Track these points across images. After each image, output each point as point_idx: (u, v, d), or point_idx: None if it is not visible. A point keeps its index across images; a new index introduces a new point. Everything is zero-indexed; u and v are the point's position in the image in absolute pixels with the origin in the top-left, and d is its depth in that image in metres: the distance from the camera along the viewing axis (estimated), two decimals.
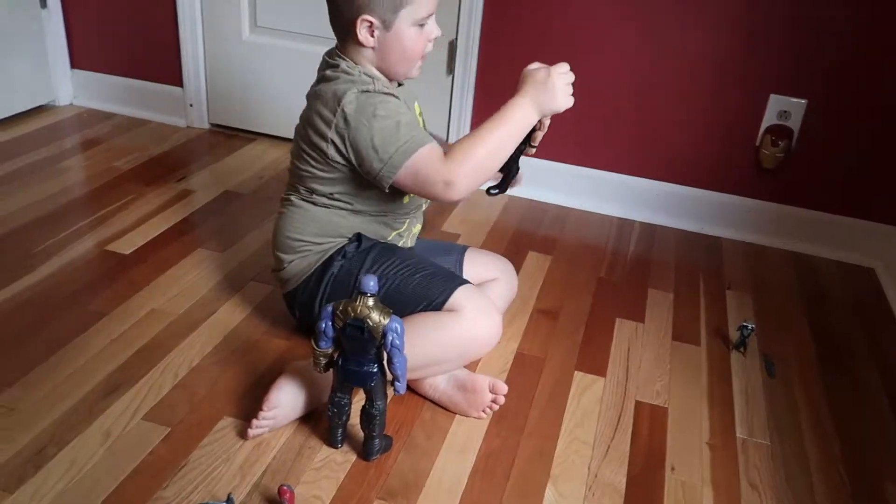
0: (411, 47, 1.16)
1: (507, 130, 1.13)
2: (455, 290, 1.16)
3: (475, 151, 1.11)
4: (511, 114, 1.12)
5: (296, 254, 1.25)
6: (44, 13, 2.19)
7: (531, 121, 1.14)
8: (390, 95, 1.14)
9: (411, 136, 1.11)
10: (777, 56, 1.73)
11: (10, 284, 1.42)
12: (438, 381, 1.20)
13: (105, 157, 2.01)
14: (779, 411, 1.29)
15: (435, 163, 1.10)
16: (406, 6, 1.12)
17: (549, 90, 1.12)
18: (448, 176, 1.10)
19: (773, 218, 1.86)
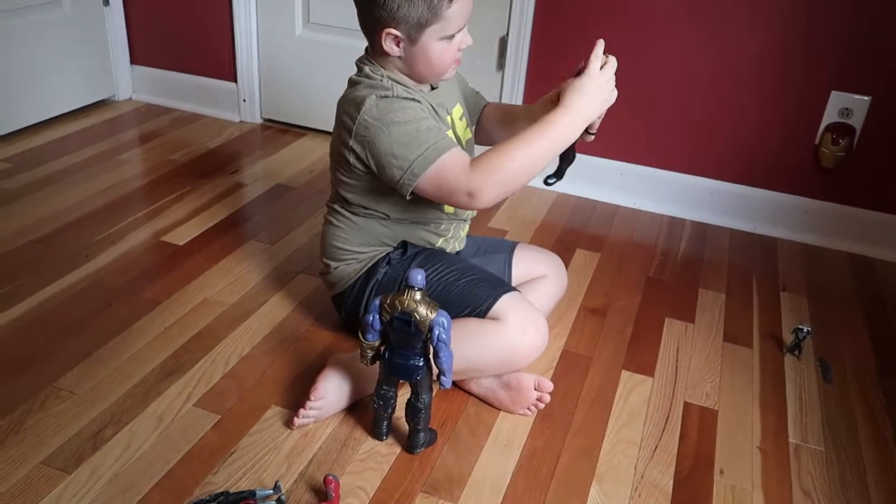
0: (437, 60, 1.12)
1: (546, 145, 1.07)
2: (500, 297, 1.15)
3: (507, 164, 1.06)
4: (551, 128, 1.07)
5: (341, 261, 1.26)
6: (106, 11, 2.25)
7: (576, 133, 1.09)
8: (411, 100, 1.10)
9: (433, 143, 1.07)
10: (839, 51, 1.67)
11: (72, 272, 1.47)
12: (483, 378, 1.20)
13: (161, 150, 2.06)
14: (834, 417, 1.25)
15: (458, 171, 1.06)
16: (433, 23, 1.07)
17: (592, 98, 1.07)
18: (472, 186, 1.05)
19: (830, 218, 1.81)
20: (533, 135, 1.07)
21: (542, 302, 1.33)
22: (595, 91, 1.08)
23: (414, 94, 1.13)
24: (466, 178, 1.05)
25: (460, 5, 1.08)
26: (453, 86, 1.28)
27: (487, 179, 1.05)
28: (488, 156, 1.07)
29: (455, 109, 1.25)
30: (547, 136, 1.07)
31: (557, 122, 1.07)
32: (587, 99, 1.07)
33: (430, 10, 1.06)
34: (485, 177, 1.05)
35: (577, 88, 1.07)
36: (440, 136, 1.08)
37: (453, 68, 1.17)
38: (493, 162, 1.06)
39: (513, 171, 1.06)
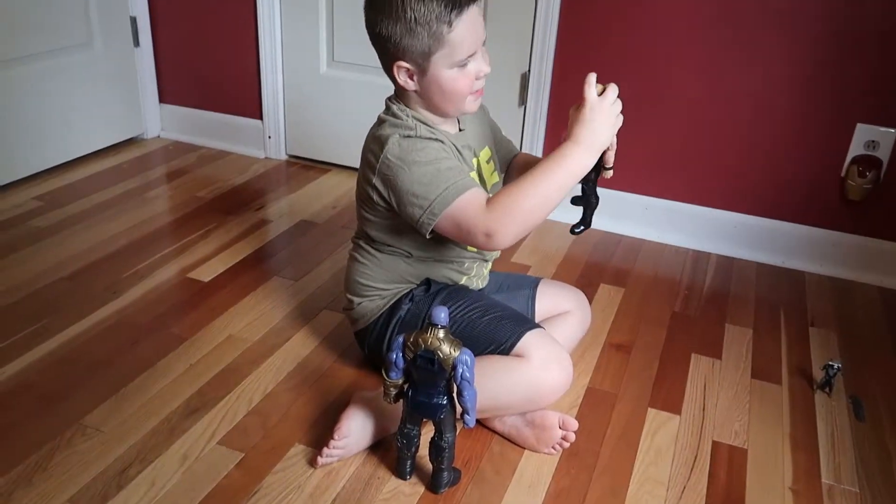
0: (451, 89, 1.11)
1: (557, 180, 1.06)
2: (524, 334, 1.14)
3: (521, 203, 1.05)
4: (561, 162, 1.06)
5: (364, 297, 1.26)
6: (136, 51, 2.31)
7: (587, 164, 1.08)
8: (434, 140, 1.11)
9: (452, 183, 1.06)
10: (864, 83, 1.67)
11: (100, 308, 1.49)
12: (507, 416, 1.19)
13: (189, 187, 2.10)
14: (868, 457, 1.22)
15: (476, 212, 1.05)
16: (438, 50, 1.07)
17: (596, 125, 1.06)
18: (489, 227, 1.05)
19: (859, 252, 1.78)
20: (545, 171, 1.06)
21: (567, 338, 1.32)
22: (598, 119, 1.06)
23: (437, 135, 1.13)
24: (483, 218, 1.05)
25: (462, 30, 1.07)
26: (483, 129, 1.29)
27: (503, 219, 1.05)
28: (502, 195, 1.07)
29: (483, 152, 1.26)
30: (558, 171, 1.06)
31: (567, 156, 1.06)
32: (592, 128, 1.06)
33: (430, 37, 1.06)
34: (500, 216, 1.05)
35: (580, 120, 1.07)
36: (460, 176, 1.08)
37: (475, 100, 1.16)
38: (507, 201, 1.05)
39: (528, 209, 1.05)
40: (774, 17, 1.68)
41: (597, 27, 1.82)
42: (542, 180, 1.06)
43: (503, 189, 1.09)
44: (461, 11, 1.06)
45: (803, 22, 1.66)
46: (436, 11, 1.05)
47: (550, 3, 1.82)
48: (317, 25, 2.13)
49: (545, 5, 1.83)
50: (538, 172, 1.06)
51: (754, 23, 1.69)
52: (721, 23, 1.72)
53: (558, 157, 1.06)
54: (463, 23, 1.07)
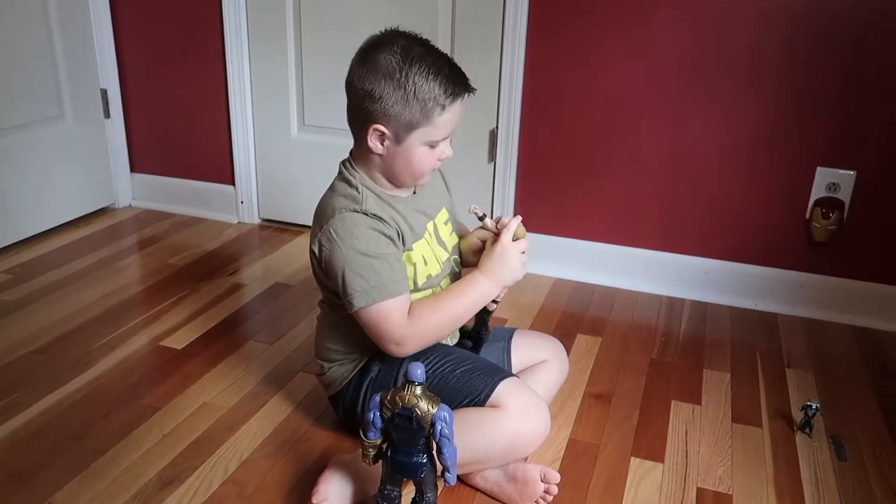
0: (418, 164, 1.13)
1: (466, 305, 1.15)
2: (498, 384, 1.13)
3: (434, 321, 1.13)
4: (472, 290, 1.15)
5: (334, 361, 1.25)
6: (107, 122, 2.33)
7: (492, 295, 1.17)
8: (378, 220, 1.12)
9: (381, 284, 1.09)
10: (820, 128, 1.72)
11: (71, 381, 1.46)
12: (489, 472, 1.17)
13: (161, 254, 2.08)
14: (853, 497, 1.21)
15: (392, 321, 1.10)
16: (421, 126, 1.10)
17: (507, 264, 1.15)
18: (402, 338, 1.11)
19: (829, 292, 1.81)
20: (457, 296, 1.15)
21: (545, 388, 1.31)
22: (508, 261, 1.15)
23: (383, 210, 1.14)
24: (401, 329, 1.11)
25: (450, 115, 1.11)
26: (439, 191, 1.29)
27: (419, 334, 1.13)
28: (423, 311, 1.13)
29: (440, 215, 1.26)
30: (467, 298, 1.15)
31: (476, 285, 1.15)
32: (503, 268, 1.15)
33: (422, 113, 1.08)
34: (417, 331, 1.12)
35: (493, 257, 1.16)
36: (392, 279, 1.11)
37: (430, 176, 1.19)
38: (427, 318, 1.13)
39: (442, 328, 1.16)
40: (736, 71, 1.74)
41: (562, 81, 1.87)
42: (453, 303, 1.15)
43: (423, 304, 1.14)
44: (456, 98, 1.10)
45: (763, 74, 1.72)
46: (436, 92, 1.08)
47: (515, 60, 1.88)
48: (287, 90, 2.16)
49: (510, 62, 1.88)
50: (450, 296, 1.16)
51: (718, 76, 1.75)
52: (685, 76, 1.78)
53: (469, 284, 1.16)
54: (453, 109, 1.11)
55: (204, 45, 2.19)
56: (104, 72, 2.28)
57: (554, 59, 1.86)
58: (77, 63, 2.20)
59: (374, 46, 1.10)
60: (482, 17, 1.90)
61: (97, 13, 2.22)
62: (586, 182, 1.93)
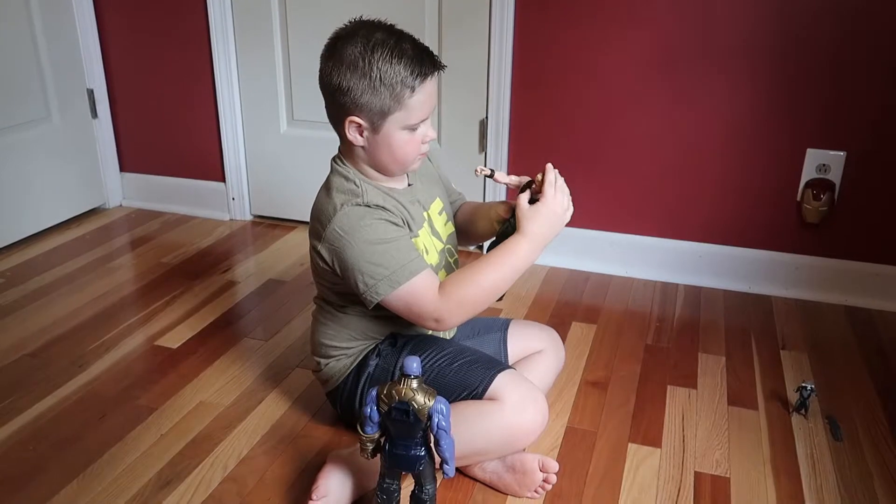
0: (400, 150, 1.12)
1: (506, 273, 1.11)
2: (496, 376, 1.13)
3: (473, 293, 1.09)
4: (511, 257, 1.11)
5: (331, 357, 1.25)
6: (95, 122, 2.31)
7: (533, 259, 1.12)
8: (381, 210, 1.11)
9: (401, 265, 1.08)
10: (810, 110, 1.72)
11: (66, 384, 1.45)
12: (487, 463, 1.17)
13: (153, 254, 2.07)
14: (849, 476, 1.22)
15: (426, 297, 1.08)
16: (395, 111, 1.09)
17: (550, 221, 1.11)
18: (440, 314, 1.09)
19: (822, 273, 1.82)
20: (496, 265, 1.10)
21: (541, 377, 1.31)
22: (553, 216, 1.12)
23: (385, 200, 1.13)
24: (435, 304, 1.08)
25: (422, 96, 1.09)
26: (432, 181, 1.29)
27: (455, 308, 1.09)
28: (455, 285, 1.10)
29: (434, 205, 1.25)
30: (509, 265, 1.11)
31: (519, 251, 1.11)
32: (546, 225, 1.11)
33: (392, 98, 1.07)
34: (452, 306, 1.09)
35: (535, 217, 1.11)
36: (410, 258, 1.09)
37: (419, 160, 1.17)
38: (460, 292, 1.09)
39: (479, 298, 1.10)
40: (725, 54, 1.74)
41: (551, 69, 1.87)
42: (492, 273, 1.10)
43: (455, 277, 1.11)
44: (424, 78, 1.08)
45: (753, 57, 1.72)
46: (402, 75, 1.06)
47: (503, 48, 1.87)
48: (275, 85, 2.15)
49: (498, 50, 1.88)
50: (490, 265, 1.10)
51: (707, 60, 1.75)
52: (674, 61, 1.77)
53: (511, 251, 1.11)
54: (424, 89, 1.09)
55: (190, 42, 2.18)
56: (90, 71, 2.27)
57: (542, 46, 1.85)
58: (62, 63, 2.19)
59: (337, 40, 1.10)
60: (469, 5, 1.89)
61: (81, 12, 2.20)
62: (578, 169, 1.92)
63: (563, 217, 1.13)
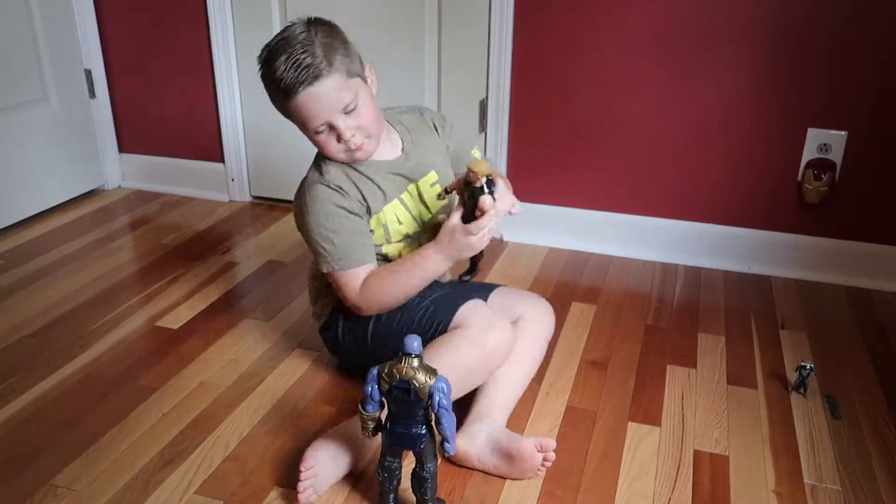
0: (323, 149, 1.22)
1: (419, 277, 1.22)
2: (460, 306, 1.20)
3: (386, 293, 1.22)
4: (422, 263, 1.20)
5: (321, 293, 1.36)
6: (93, 103, 2.30)
7: (441, 270, 1.22)
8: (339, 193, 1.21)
9: (339, 257, 1.21)
10: (811, 89, 1.71)
11: (67, 364, 1.46)
12: (482, 455, 1.16)
13: (152, 235, 2.07)
14: (848, 454, 1.23)
15: (350, 288, 1.22)
16: (291, 118, 1.19)
17: (464, 248, 1.18)
18: (358, 305, 1.23)
19: (822, 253, 1.82)
20: (409, 270, 1.22)
21: (529, 345, 1.31)
22: (470, 249, 1.18)
23: (345, 181, 1.22)
24: (355, 297, 1.23)
25: (299, 109, 1.15)
26: (436, 153, 1.32)
27: (373, 305, 1.24)
28: (374, 283, 1.22)
29: (428, 177, 1.29)
30: (419, 275, 1.22)
31: (429, 265, 1.21)
32: (462, 251, 1.19)
33: (283, 109, 1.18)
34: (371, 303, 1.23)
35: (457, 242, 1.17)
36: (347, 252, 1.21)
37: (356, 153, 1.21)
38: (377, 291, 1.22)
39: (391, 300, 1.24)
40: (724, 33, 1.72)
41: (551, 48, 1.86)
42: (404, 280, 1.22)
43: (376, 278, 1.22)
44: (294, 94, 1.14)
45: (752, 35, 1.71)
46: (277, 89, 1.15)
47: (503, 28, 1.86)
48: None
49: (498, 30, 1.86)
50: (404, 270, 1.22)
51: (707, 40, 1.74)
52: (674, 41, 1.76)
53: (420, 258, 1.21)
54: (300, 104, 1.15)
55: (188, 21, 2.16)
56: (87, 51, 2.25)
57: (542, 25, 1.84)
58: (59, 43, 2.17)
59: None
60: None
61: None
62: (578, 150, 1.92)
63: (477, 245, 1.18)
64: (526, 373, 1.31)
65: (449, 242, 1.18)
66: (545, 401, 1.35)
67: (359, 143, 1.19)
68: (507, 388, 1.26)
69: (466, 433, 1.19)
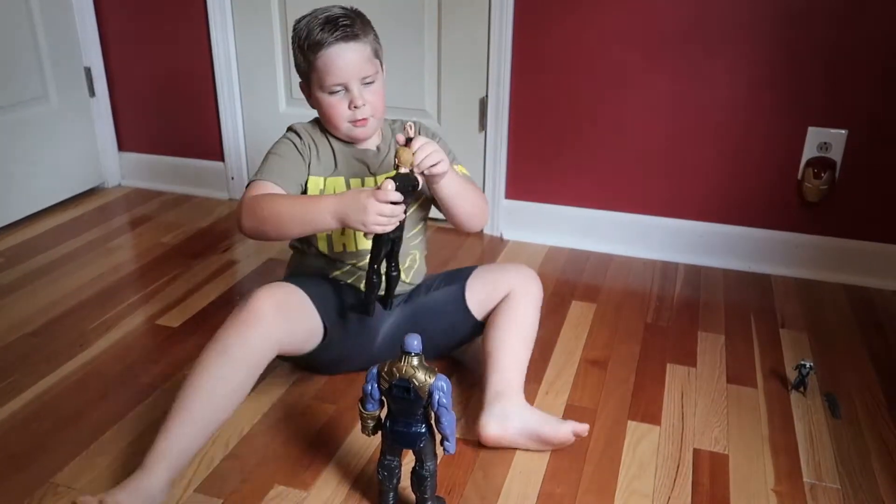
0: (328, 112, 1.25)
1: (301, 213, 1.16)
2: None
3: (265, 208, 1.17)
4: (312, 205, 1.15)
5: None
6: (93, 101, 2.30)
7: (327, 225, 1.13)
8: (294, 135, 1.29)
9: (264, 171, 1.24)
10: (812, 88, 1.71)
11: (67, 362, 1.46)
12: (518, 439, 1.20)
13: (152, 233, 2.07)
14: (847, 453, 1.23)
15: (247, 195, 1.20)
16: (311, 73, 1.23)
17: (359, 210, 1.08)
18: (241, 211, 1.19)
19: (822, 251, 1.82)
20: (296, 201, 1.19)
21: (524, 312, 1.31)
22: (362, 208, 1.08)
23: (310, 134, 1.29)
24: (244, 200, 1.20)
25: (327, 60, 1.20)
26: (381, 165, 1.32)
27: (249, 213, 1.18)
28: (263, 197, 1.19)
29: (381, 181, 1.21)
30: (304, 209, 1.16)
31: (320, 204, 1.14)
32: (353, 208, 1.09)
33: (305, 61, 1.23)
34: (249, 210, 1.18)
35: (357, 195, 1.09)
36: (272, 170, 1.24)
37: (356, 128, 1.25)
38: (260, 204, 1.18)
39: (267, 216, 1.17)
40: (725, 32, 1.72)
41: (551, 47, 1.85)
42: (288, 206, 1.18)
43: (270, 193, 1.21)
44: (327, 44, 1.19)
45: (752, 34, 1.71)
46: (311, 39, 1.21)
47: (503, 27, 1.86)
48: (273, 64, 2.14)
49: (498, 29, 1.86)
50: (291, 200, 1.20)
51: (707, 39, 1.74)
52: (674, 40, 1.76)
53: (312, 202, 1.17)
54: (329, 55, 1.20)
55: (188, 19, 2.16)
56: (87, 49, 2.25)
57: (543, 24, 1.84)
58: (59, 41, 2.17)
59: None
60: None
61: None
62: (578, 148, 1.92)
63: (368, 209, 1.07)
64: (528, 340, 1.31)
65: (349, 197, 1.10)
66: (545, 399, 1.36)
67: (366, 115, 1.24)
68: (517, 359, 1.28)
69: (494, 415, 1.20)
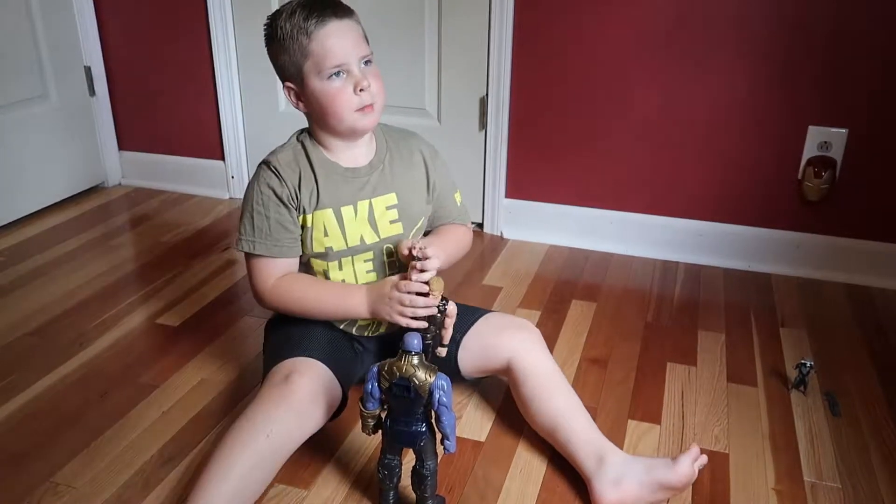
0: (330, 101, 1.13)
1: (329, 309, 1.18)
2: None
3: (292, 306, 1.18)
4: (344, 299, 1.17)
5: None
6: (93, 100, 2.30)
7: (359, 312, 1.16)
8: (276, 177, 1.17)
9: (260, 240, 1.17)
10: (812, 87, 1.71)
11: (67, 362, 1.46)
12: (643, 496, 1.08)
13: (152, 233, 2.07)
14: (848, 451, 1.23)
15: (261, 279, 1.19)
16: (305, 62, 1.12)
17: (386, 304, 1.11)
18: (260, 297, 1.19)
19: (822, 250, 1.81)
20: (327, 293, 1.19)
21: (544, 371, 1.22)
22: (389, 303, 1.11)
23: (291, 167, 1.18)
24: (262, 291, 1.19)
25: (322, 40, 1.10)
26: (410, 180, 1.24)
27: (274, 302, 1.19)
28: (286, 288, 1.18)
29: (385, 199, 1.21)
30: (335, 303, 1.18)
31: (352, 299, 1.16)
32: (382, 302, 1.12)
33: (297, 50, 1.12)
34: (275, 300, 1.19)
35: (382, 291, 1.12)
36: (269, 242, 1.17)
37: (364, 116, 1.14)
38: (285, 297, 1.18)
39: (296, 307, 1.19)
40: (725, 30, 1.72)
41: (551, 46, 1.85)
42: (315, 304, 1.18)
43: (290, 283, 1.18)
44: (321, 22, 1.11)
45: (752, 32, 1.71)
46: (299, 25, 1.11)
47: (503, 26, 1.85)
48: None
49: (498, 28, 1.86)
50: (322, 292, 1.19)
51: (707, 37, 1.74)
52: (675, 38, 1.76)
53: (347, 293, 1.18)
54: (324, 34, 1.11)
55: (188, 18, 2.16)
56: (87, 48, 2.25)
57: (542, 22, 1.84)
58: (59, 40, 2.17)
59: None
60: None
61: None
62: (578, 147, 1.92)
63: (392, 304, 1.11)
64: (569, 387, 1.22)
65: (376, 291, 1.13)
66: None
67: (370, 103, 1.13)
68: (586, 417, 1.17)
69: (606, 482, 1.08)
